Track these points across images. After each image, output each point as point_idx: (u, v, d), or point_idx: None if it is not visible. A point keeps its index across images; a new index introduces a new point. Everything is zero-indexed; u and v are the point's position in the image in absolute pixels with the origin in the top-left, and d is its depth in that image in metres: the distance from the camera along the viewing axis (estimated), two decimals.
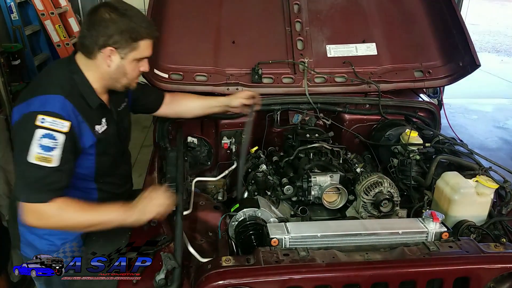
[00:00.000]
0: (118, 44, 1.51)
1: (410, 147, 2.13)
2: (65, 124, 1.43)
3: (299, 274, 1.29)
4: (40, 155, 1.37)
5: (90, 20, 1.51)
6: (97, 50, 1.51)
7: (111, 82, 1.61)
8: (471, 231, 1.66)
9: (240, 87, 2.38)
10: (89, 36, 1.50)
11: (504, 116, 6.51)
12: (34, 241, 1.67)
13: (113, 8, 1.50)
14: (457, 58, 2.48)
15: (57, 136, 1.40)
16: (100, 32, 1.48)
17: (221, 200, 2.15)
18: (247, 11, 2.58)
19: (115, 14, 1.49)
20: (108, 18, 1.48)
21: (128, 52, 1.54)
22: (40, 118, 1.38)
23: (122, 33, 1.49)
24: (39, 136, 1.37)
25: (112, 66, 1.55)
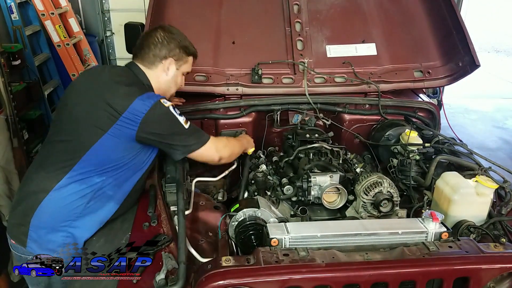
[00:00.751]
0: (177, 57, 1.86)
1: (410, 147, 2.13)
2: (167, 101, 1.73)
3: (299, 274, 1.29)
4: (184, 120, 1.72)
5: (150, 39, 1.83)
6: (158, 61, 1.82)
7: (165, 90, 1.90)
8: (471, 231, 1.66)
9: (239, 87, 2.39)
10: (152, 49, 1.82)
11: (504, 116, 6.51)
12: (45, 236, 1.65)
13: (169, 30, 1.87)
14: (457, 58, 2.48)
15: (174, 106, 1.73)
16: (163, 46, 1.82)
17: (221, 200, 2.15)
18: (247, 11, 2.59)
19: (172, 34, 1.86)
20: (168, 36, 1.84)
21: (182, 64, 1.90)
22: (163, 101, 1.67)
23: (180, 48, 1.86)
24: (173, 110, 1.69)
25: (169, 74, 1.87)
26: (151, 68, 1.84)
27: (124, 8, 5.59)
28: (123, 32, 2.75)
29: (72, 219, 1.65)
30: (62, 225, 1.64)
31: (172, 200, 1.76)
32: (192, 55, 1.94)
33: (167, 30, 1.87)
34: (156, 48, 1.82)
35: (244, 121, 2.42)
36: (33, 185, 1.67)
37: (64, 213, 1.64)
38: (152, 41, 1.83)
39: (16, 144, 3.23)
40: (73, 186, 1.63)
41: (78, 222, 1.66)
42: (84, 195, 1.64)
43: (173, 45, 1.84)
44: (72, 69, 4.62)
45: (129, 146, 1.67)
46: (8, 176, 3.06)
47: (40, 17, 4.27)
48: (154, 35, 1.85)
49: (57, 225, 1.64)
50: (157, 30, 1.86)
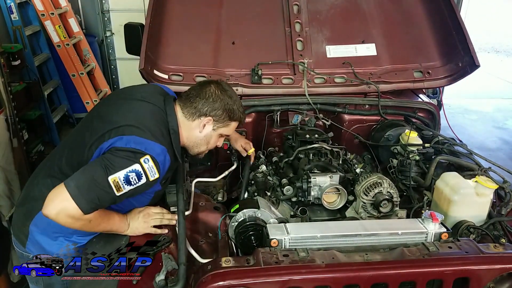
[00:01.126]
0: (217, 118, 1.72)
1: (410, 148, 2.13)
2: (156, 175, 1.52)
3: (298, 274, 1.29)
4: (118, 183, 1.45)
5: (202, 90, 1.72)
6: (197, 116, 1.70)
7: (192, 145, 1.76)
8: (471, 231, 1.66)
9: (239, 88, 2.38)
10: (197, 102, 1.70)
11: (504, 116, 6.51)
12: (43, 242, 1.66)
13: (223, 89, 1.74)
14: (456, 59, 2.48)
15: (142, 178, 1.49)
16: (208, 102, 1.70)
17: (221, 200, 2.15)
18: (247, 11, 2.59)
19: (224, 94, 1.73)
20: (219, 95, 1.72)
21: (221, 127, 1.75)
22: (145, 158, 1.48)
23: (224, 110, 1.72)
24: (132, 169, 1.46)
25: (202, 133, 1.74)
26: (188, 119, 1.71)
27: (124, 8, 5.59)
28: (123, 32, 2.75)
29: (69, 232, 1.62)
30: (57, 235, 1.64)
31: (172, 200, 1.76)
32: (237, 121, 1.80)
33: (221, 87, 1.75)
34: (201, 102, 1.70)
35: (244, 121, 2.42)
36: (37, 190, 1.65)
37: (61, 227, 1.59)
38: (201, 93, 1.72)
39: (16, 144, 3.23)
40: None
41: (74, 236, 1.65)
42: None
43: (219, 105, 1.71)
44: (72, 69, 4.62)
45: None
46: (8, 176, 3.06)
47: (40, 17, 4.27)
48: (206, 87, 1.73)
49: (53, 235, 1.64)
50: (211, 84, 1.76)
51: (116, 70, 6.13)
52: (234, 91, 1.82)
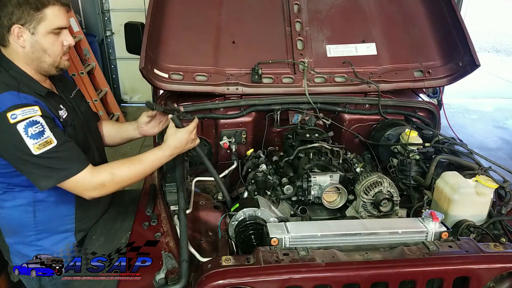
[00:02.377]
0: (22, 20, 1.40)
1: (410, 147, 2.13)
2: (35, 108, 1.38)
3: (299, 273, 1.29)
4: (38, 143, 1.35)
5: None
6: (6, 33, 1.42)
7: (36, 65, 1.50)
8: (471, 230, 1.66)
9: (240, 87, 2.38)
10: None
11: (504, 116, 6.51)
12: (22, 249, 1.67)
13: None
14: (457, 58, 2.48)
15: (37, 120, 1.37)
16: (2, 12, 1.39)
17: (221, 199, 2.15)
18: (247, 11, 2.59)
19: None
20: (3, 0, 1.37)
21: (36, 25, 1.43)
22: (10, 115, 1.34)
23: (20, 6, 1.39)
24: (22, 130, 1.34)
25: (26, 46, 1.45)
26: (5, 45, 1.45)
27: (124, 8, 5.60)
28: (123, 32, 2.75)
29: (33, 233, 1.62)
30: (29, 239, 1.64)
31: (172, 199, 1.76)
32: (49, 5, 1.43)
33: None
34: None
35: (244, 121, 2.42)
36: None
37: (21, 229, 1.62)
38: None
39: None
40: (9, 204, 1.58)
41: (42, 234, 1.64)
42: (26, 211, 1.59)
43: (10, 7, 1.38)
44: (72, 69, 4.62)
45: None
46: None
47: None
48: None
49: (24, 240, 1.64)
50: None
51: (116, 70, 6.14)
52: None
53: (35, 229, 1.64)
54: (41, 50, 1.47)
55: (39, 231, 1.65)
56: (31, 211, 1.60)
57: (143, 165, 1.56)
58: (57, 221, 1.66)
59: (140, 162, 1.56)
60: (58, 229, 1.68)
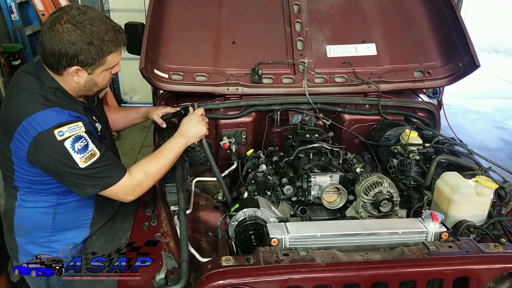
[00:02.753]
0: (84, 63, 1.44)
1: (410, 147, 2.13)
2: (79, 124, 1.44)
3: (299, 274, 1.29)
4: (84, 157, 1.42)
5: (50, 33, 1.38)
6: (62, 69, 1.45)
7: (83, 93, 1.58)
8: (471, 231, 1.66)
9: (240, 87, 2.39)
10: (50, 54, 1.41)
11: (504, 116, 6.51)
12: (32, 249, 1.67)
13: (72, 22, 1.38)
14: (457, 59, 2.48)
15: (81, 135, 1.43)
16: (61, 51, 1.39)
17: (221, 200, 2.15)
18: (247, 11, 2.59)
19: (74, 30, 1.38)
20: (68, 38, 1.37)
21: (96, 67, 1.48)
22: (57, 132, 1.38)
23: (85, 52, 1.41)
24: (69, 146, 1.39)
25: (81, 82, 1.50)
26: (56, 73, 1.48)
27: (124, 8, 5.59)
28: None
29: (48, 235, 1.64)
30: (42, 241, 1.65)
31: (172, 200, 1.76)
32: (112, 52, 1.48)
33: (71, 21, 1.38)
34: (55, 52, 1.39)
35: (244, 121, 2.42)
36: (4, 201, 1.66)
37: (37, 229, 1.63)
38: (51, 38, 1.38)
39: None
40: (31, 204, 1.60)
41: (56, 236, 1.66)
42: (46, 213, 1.61)
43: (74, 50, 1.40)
44: None
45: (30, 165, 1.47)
46: None
47: (40, 17, 4.26)
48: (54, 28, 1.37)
49: (37, 241, 1.65)
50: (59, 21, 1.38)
51: None
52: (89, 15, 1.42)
53: (51, 230, 1.65)
54: (93, 85, 1.55)
55: (54, 232, 1.66)
56: (51, 213, 1.62)
57: (166, 156, 1.66)
58: (74, 223, 1.69)
59: (162, 155, 1.66)
60: (74, 231, 1.69)
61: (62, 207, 1.63)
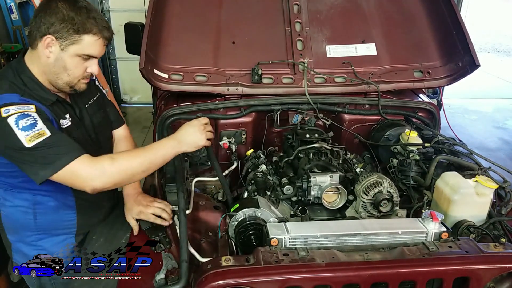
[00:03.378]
0: (59, 34, 1.43)
1: (410, 147, 2.13)
2: (30, 106, 1.38)
3: (298, 274, 1.29)
4: (30, 135, 1.32)
5: (39, 7, 1.45)
6: (38, 39, 1.44)
7: (52, 77, 1.51)
8: (471, 231, 1.66)
9: (239, 87, 2.39)
10: (34, 23, 1.44)
11: (504, 116, 6.51)
12: (22, 248, 1.67)
13: (68, 1, 1.45)
14: (456, 59, 2.48)
15: (29, 113, 1.35)
16: (43, 19, 1.42)
17: (221, 200, 2.16)
18: (247, 11, 2.59)
19: (65, 4, 1.44)
20: (55, 7, 1.43)
21: (69, 44, 1.45)
22: (3, 110, 1.33)
23: (64, 22, 1.42)
24: (13, 123, 1.32)
25: (51, 57, 1.46)
26: (33, 47, 1.48)
27: (124, 8, 5.60)
28: (123, 32, 2.75)
29: (34, 234, 1.64)
30: (29, 239, 1.65)
31: (172, 200, 1.76)
32: (89, 33, 1.46)
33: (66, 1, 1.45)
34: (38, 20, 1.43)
35: (244, 121, 2.42)
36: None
37: (22, 229, 1.63)
38: (42, 11, 1.44)
39: None
40: (10, 203, 1.60)
41: (43, 235, 1.65)
42: (26, 212, 1.60)
43: (54, 18, 1.42)
44: None
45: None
46: None
47: None
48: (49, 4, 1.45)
49: (25, 239, 1.65)
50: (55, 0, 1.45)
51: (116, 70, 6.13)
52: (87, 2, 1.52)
53: (35, 230, 1.65)
54: (62, 67, 1.49)
55: (40, 232, 1.65)
56: (31, 213, 1.61)
57: (145, 152, 1.48)
58: (58, 224, 1.67)
59: (143, 150, 1.50)
60: (58, 232, 1.69)
61: (41, 207, 1.60)
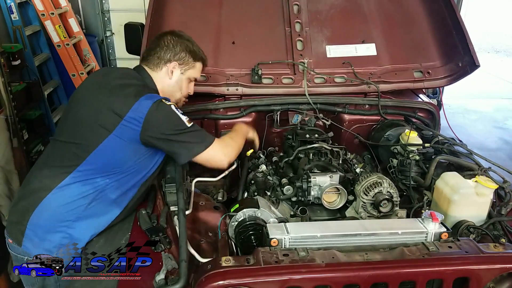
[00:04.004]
0: (182, 61, 1.86)
1: (410, 148, 2.13)
2: None
3: (298, 274, 1.29)
4: (187, 119, 1.68)
5: (159, 42, 1.86)
6: (163, 64, 1.84)
7: (168, 95, 1.84)
8: (471, 231, 1.66)
9: (239, 88, 2.39)
10: (158, 52, 1.84)
11: (504, 116, 6.50)
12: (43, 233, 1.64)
13: (178, 35, 1.89)
14: (456, 59, 2.48)
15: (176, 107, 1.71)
16: (169, 49, 1.84)
17: (221, 200, 2.15)
18: (247, 11, 2.59)
19: (181, 38, 1.88)
20: (176, 40, 1.86)
21: (188, 69, 1.89)
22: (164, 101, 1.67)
23: (186, 52, 1.86)
24: (175, 109, 1.67)
25: (173, 78, 1.86)
26: (156, 70, 1.84)
27: (124, 8, 5.59)
28: (123, 32, 2.75)
29: (72, 220, 1.64)
30: (61, 225, 1.64)
31: (172, 200, 1.76)
32: (200, 61, 1.94)
33: (176, 34, 1.89)
34: (162, 51, 1.83)
35: (244, 121, 2.42)
36: (36, 182, 1.67)
37: (65, 213, 1.64)
38: (159, 43, 1.85)
39: (16, 144, 3.24)
40: (76, 186, 1.63)
41: (77, 223, 1.65)
42: (86, 196, 1.64)
43: (179, 49, 1.85)
44: (72, 69, 4.62)
45: (134, 148, 1.65)
46: (8, 176, 3.06)
47: (40, 17, 4.27)
48: (162, 38, 1.87)
49: (56, 225, 1.64)
50: (166, 34, 1.89)
51: None
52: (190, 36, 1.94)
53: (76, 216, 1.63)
54: (179, 87, 1.90)
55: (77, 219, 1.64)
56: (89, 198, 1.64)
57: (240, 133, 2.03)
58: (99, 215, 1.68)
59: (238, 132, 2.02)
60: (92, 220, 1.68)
61: (102, 196, 1.66)
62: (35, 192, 1.65)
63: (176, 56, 1.85)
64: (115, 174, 1.66)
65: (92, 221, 1.67)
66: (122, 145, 1.63)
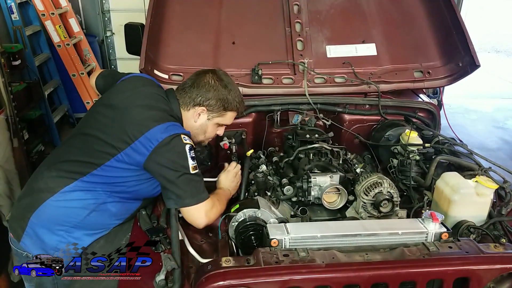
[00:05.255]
0: (211, 108, 1.79)
1: (410, 148, 2.13)
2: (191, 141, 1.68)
3: (299, 274, 1.30)
4: (194, 165, 1.62)
5: (197, 79, 1.80)
6: (192, 105, 1.79)
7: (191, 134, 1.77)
8: (471, 231, 1.66)
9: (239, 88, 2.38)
10: (191, 91, 1.78)
11: (504, 116, 6.50)
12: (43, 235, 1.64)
13: (219, 78, 1.81)
14: (457, 59, 2.48)
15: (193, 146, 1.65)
16: (201, 92, 1.77)
17: None
18: (247, 11, 2.59)
19: (219, 83, 1.79)
20: (213, 85, 1.78)
21: (215, 116, 1.82)
22: (183, 137, 1.62)
23: (218, 100, 1.78)
24: (188, 150, 1.60)
25: (197, 122, 1.81)
26: (184, 109, 1.80)
27: (124, 8, 5.59)
28: (123, 32, 2.75)
29: (70, 226, 1.64)
30: (58, 228, 1.64)
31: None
32: (232, 111, 1.86)
33: (217, 76, 1.81)
34: (195, 92, 1.78)
35: (244, 121, 2.42)
36: (42, 182, 1.66)
37: (64, 218, 1.63)
38: (195, 82, 1.80)
39: (16, 144, 3.24)
40: (78, 194, 1.63)
41: (75, 229, 1.65)
42: (87, 206, 1.63)
43: (212, 95, 1.77)
44: (72, 69, 4.63)
45: (138, 173, 1.65)
46: (8, 176, 3.06)
47: (40, 17, 4.27)
48: (200, 77, 1.81)
49: (54, 228, 1.64)
50: (206, 73, 1.82)
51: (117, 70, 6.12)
52: (231, 80, 1.87)
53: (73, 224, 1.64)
54: (202, 131, 1.85)
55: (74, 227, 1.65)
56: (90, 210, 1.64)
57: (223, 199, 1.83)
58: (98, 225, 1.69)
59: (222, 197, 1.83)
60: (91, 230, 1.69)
61: (102, 208, 1.65)
62: (39, 192, 1.65)
63: (206, 102, 1.78)
64: (119, 192, 1.66)
65: (89, 230, 1.67)
66: (127, 168, 1.62)
